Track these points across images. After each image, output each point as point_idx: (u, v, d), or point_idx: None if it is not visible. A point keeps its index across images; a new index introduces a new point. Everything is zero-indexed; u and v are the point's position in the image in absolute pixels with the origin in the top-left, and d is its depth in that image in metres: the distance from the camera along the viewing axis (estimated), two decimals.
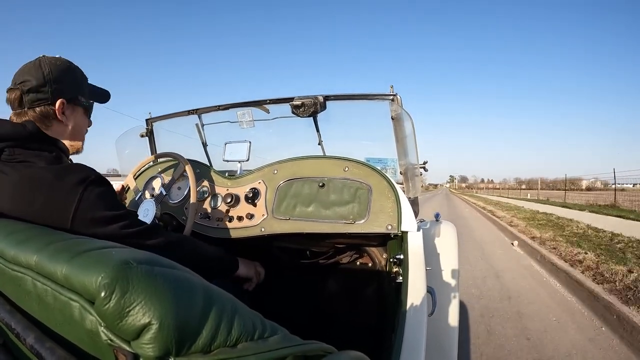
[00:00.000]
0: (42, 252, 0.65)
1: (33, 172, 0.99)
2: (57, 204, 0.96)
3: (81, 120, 1.21)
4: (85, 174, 1.01)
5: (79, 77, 1.19)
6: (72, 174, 1.00)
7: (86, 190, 0.99)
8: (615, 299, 3.78)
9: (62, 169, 1.01)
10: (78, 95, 1.17)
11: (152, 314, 0.50)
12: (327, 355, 0.60)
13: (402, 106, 1.74)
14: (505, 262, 6.31)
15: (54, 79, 1.09)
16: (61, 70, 1.12)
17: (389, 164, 2.04)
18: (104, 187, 1.04)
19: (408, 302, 1.25)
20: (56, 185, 0.97)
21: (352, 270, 2.19)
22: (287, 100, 1.90)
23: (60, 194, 0.97)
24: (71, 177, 0.99)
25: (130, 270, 0.54)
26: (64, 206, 0.96)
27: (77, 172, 1.01)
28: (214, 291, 0.60)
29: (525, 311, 3.96)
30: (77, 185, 0.98)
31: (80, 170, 1.02)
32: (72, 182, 0.98)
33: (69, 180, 0.98)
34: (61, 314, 0.60)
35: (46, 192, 0.96)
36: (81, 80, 1.20)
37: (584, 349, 3.14)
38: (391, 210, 1.46)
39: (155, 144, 2.41)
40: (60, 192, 0.97)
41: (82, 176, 1.00)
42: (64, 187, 0.97)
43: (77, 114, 1.19)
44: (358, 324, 2.04)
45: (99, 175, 1.04)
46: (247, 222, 1.66)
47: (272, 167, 1.72)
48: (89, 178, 1.01)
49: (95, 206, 0.99)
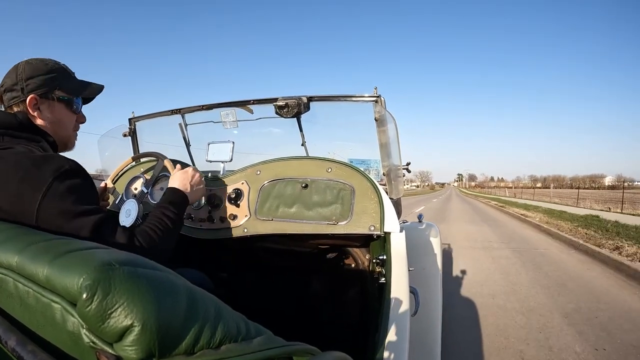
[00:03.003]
0: (24, 253, 0.64)
1: (13, 158, 1.00)
2: (27, 190, 0.96)
3: (62, 115, 1.22)
4: (59, 164, 1.01)
5: (57, 73, 1.19)
6: (47, 163, 1.00)
7: (56, 180, 0.98)
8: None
9: (40, 157, 1.02)
10: (54, 90, 1.18)
11: (134, 316, 0.50)
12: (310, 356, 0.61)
13: (385, 108, 1.75)
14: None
15: (25, 77, 1.13)
16: (35, 68, 1.15)
17: (372, 165, 2.06)
18: (77, 179, 1.04)
19: (391, 302, 1.26)
20: (31, 172, 0.98)
21: (335, 271, 2.20)
22: (271, 101, 1.90)
23: (32, 182, 0.97)
24: (46, 166, 0.99)
25: (113, 271, 0.54)
26: (32, 194, 0.96)
27: (52, 162, 1.01)
28: (197, 293, 0.60)
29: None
30: (48, 175, 0.98)
31: (56, 160, 1.02)
32: (45, 171, 0.98)
33: (43, 168, 0.99)
34: (43, 316, 0.60)
35: (20, 178, 0.97)
36: (61, 75, 1.20)
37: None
38: (374, 211, 1.46)
39: (138, 144, 2.39)
40: (32, 179, 0.97)
41: (55, 166, 1.00)
42: (36, 174, 0.98)
43: (56, 109, 1.19)
44: (342, 324, 2.05)
45: (75, 167, 1.04)
46: (230, 223, 1.65)
47: (256, 167, 1.72)
48: (62, 168, 1.00)
49: (64, 198, 0.98)
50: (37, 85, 1.14)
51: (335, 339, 1.94)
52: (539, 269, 6.09)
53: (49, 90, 1.17)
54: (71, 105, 1.24)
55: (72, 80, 1.24)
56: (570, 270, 6.05)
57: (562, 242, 9.13)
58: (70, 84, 1.23)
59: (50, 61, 1.19)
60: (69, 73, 1.24)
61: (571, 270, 6.05)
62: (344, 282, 2.16)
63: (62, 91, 1.20)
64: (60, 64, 1.22)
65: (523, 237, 10.19)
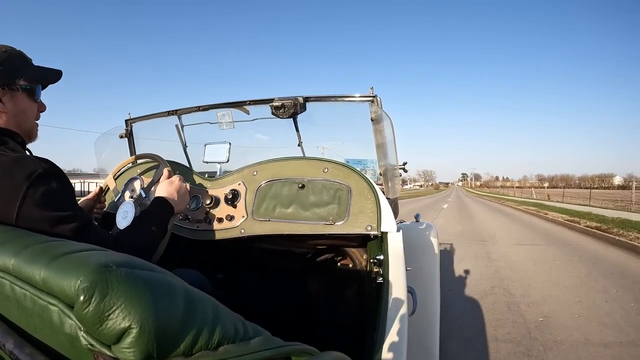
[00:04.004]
0: (20, 256, 0.64)
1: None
2: (1, 201, 0.91)
3: (25, 105, 1.15)
4: (32, 169, 0.95)
5: (16, 61, 1.12)
6: (18, 168, 0.95)
7: (31, 186, 0.93)
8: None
9: (9, 162, 0.96)
10: (15, 80, 1.10)
11: (132, 318, 0.50)
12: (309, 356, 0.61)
13: (381, 108, 1.75)
14: None
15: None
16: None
17: (369, 165, 2.06)
18: (53, 183, 0.99)
19: (389, 302, 1.26)
20: (2, 180, 0.93)
21: (333, 271, 2.20)
22: (267, 102, 1.91)
23: (5, 190, 0.92)
24: (17, 171, 0.94)
25: (110, 273, 0.54)
26: (8, 204, 0.91)
27: (24, 166, 0.96)
28: (195, 294, 0.60)
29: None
30: (22, 181, 0.93)
31: (28, 164, 0.97)
32: (17, 177, 0.93)
33: (15, 174, 0.94)
34: (40, 318, 0.59)
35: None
36: (20, 63, 1.13)
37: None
38: (371, 211, 1.47)
39: (135, 145, 2.39)
40: (4, 188, 0.92)
41: (28, 171, 0.94)
42: (8, 182, 0.93)
43: (18, 99, 1.12)
44: (340, 324, 2.05)
45: (48, 169, 0.99)
46: (227, 223, 1.65)
47: (252, 168, 1.72)
48: (35, 173, 0.95)
49: (41, 205, 0.94)
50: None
51: (333, 339, 1.94)
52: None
53: (12, 80, 1.09)
54: (33, 95, 1.17)
55: (32, 68, 1.17)
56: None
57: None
58: (32, 72, 1.16)
59: (8, 47, 1.12)
60: (28, 60, 1.17)
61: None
62: (342, 282, 2.16)
63: (24, 80, 1.12)
64: (17, 50, 1.14)
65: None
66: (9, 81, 1.09)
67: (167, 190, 1.43)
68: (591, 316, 3.84)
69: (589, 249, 7.81)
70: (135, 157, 1.89)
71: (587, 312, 3.95)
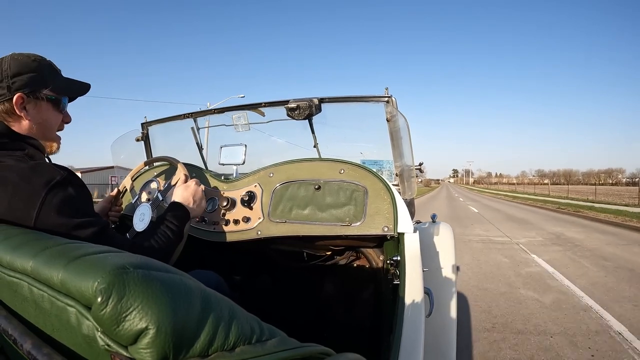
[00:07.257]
0: (38, 258, 0.65)
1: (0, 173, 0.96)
2: (20, 207, 0.92)
3: (49, 115, 1.16)
4: (50, 176, 0.96)
5: (45, 70, 1.13)
6: (36, 176, 0.96)
7: (49, 193, 0.94)
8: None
9: (27, 169, 0.97)
10: (41, 89, 1.11)
11: (149, 319, 0.50)
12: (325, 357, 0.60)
13: (397, 108, 1.75)
14: None
15: (11, 74, 1.06)
16: (21, 64, 1.08)
17: (385, 165, 2.05)
18: (70, 190, 1.00)
19: (405, 303, 1.25)
20: (20, 186, 0.94)
21: (349, 272, 2.19)
22: (283, 103, 1.91)
23: (23, 197, 0.93)
24: (35, 178, 0.95)
25: (127, 274, 0.54)
26: (26, 211, 0.92)
27: (42, 173, 0.97)
28: (211, 295, 0.60)
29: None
30: (40, 188, 0.94)
31: (46, 171, 0.98)
32: (35, 184, 0.94)
33: (33, 182, 0.94)
34: (58, 319, 0.60)
35: (10, 194, 0.92)
36: (48, 73, 1.14)
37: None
38: (387, 212, 1.45)
39: (151, 148, 2.41)
40: (23, 194, 0.93)
41: (46, 178, 0.96)
42: (27, 189, 0.93)
43: (43, 109, 1.13)
44: (356, 325, 2.04)
45: (66, 177, 0.99)
46: (243, 225, 1.65)
47: (268, 170, 1.72)
48: (53, 180, 0.96)
49: (59, 212, 0.95)
50: (25, 83, 1.07)
51: (349, 340, 1.94)
52: None
53: (36, 89, 1.10)
54: (58, 105, 1.18)
55: (60, 79, 1.18)
56: None
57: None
58: (58, 83, 1.17)
59: (37, 57, 1.13)
60: (56, 70, 1.18)
61: None
62: (358, 283, 2.15)
63: (50, 90, 1.14)
64: (47, 60, 1.15)
65: None
66: (35, 89, 1.10)
67: (183, 195, 1.44)
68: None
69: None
70: (151, 160, 1.90)
71: None
